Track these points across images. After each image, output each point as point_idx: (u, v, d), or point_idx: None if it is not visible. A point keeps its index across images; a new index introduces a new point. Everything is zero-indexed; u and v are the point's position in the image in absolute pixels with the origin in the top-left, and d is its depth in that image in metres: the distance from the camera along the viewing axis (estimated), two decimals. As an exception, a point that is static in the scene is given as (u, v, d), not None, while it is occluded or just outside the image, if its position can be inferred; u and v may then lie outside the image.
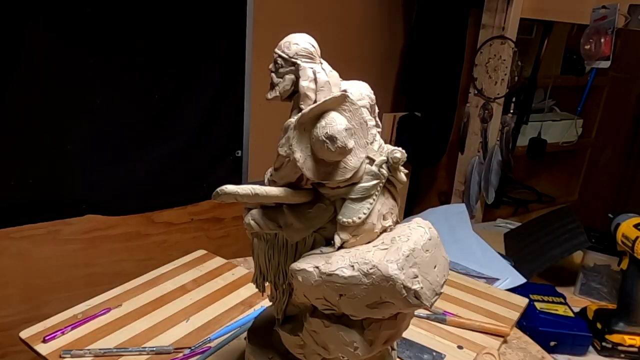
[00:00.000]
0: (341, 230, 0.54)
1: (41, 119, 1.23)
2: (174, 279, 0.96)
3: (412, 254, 0.50)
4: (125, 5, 1.26)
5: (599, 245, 1.28)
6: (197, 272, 0.99)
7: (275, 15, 1.50)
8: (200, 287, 0.94)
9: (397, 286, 0.49)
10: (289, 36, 0.54)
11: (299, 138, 0.50)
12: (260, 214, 0.58)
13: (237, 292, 0.93)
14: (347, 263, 0.51)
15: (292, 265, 0.54)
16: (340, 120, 0.50)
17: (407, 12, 1.81)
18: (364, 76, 0.55)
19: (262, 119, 1.57)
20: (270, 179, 0.56)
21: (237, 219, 1.65)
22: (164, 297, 0.90)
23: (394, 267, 0.49)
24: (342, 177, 0.52)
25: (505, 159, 1.71)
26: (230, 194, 0.53)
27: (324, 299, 0.53)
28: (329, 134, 0.49)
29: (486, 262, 1.37)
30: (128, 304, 0.87)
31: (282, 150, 0.52)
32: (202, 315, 0.86)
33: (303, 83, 0.52)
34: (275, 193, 0.54)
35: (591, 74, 1.79)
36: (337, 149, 0.49)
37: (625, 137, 2.08)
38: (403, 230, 0.55)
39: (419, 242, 0.52)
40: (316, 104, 0.50)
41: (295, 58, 0.53)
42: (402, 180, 0.56)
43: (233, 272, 1.00)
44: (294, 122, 0.50)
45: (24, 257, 1.31)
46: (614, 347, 1.08)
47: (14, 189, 1.24)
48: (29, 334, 0.79)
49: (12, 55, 1.16)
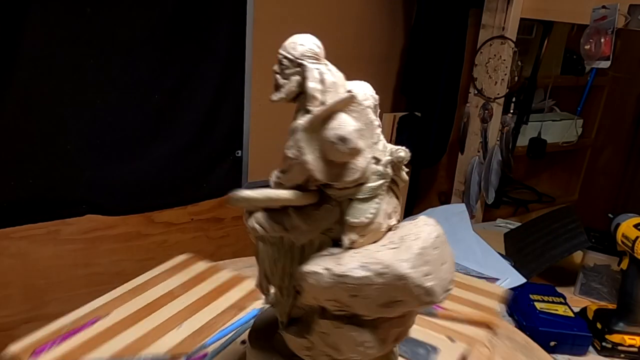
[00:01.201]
0: (349, 230, 0.54)
1: (41, 119, 1.23)
2: (161, 284, 0.92)
3: (423, 252, 0.51)
4: (125, 5, 1.27)
5: (599, 245, 1.28)
6: (184, 276, 0.96)
7: (275, 15, 1.50)
8: (188, 292, 0.91)
9: (411, 285, 0.49)
10: (293, 37, 0.54)
11: (309, 140, 0.50)
12: (266, 217, 0.57)
13: (226, 295, 0.91)
14: (359, 264, 0.51)
15: (302, 268, 0.54)
16: (351, 122, 0.50)
17: (407, 12, 1.81)
18: (364, 76, 0.55)
19: (262, 119, 1.57)
20: (277, 181, 0.55)
21: (237, 219, 1.65)
22: (153, 304, 0.87)
23: (407, 266, 0.49)
24: (351, 177, 0.52)
25: (505, 159, 1.71)
26: (247, 199, 0.52)
27: (335, 301, 0.53)
28: (340, 135, 0.49)
29: (486, 262, 1.37)
30: (117, 312, 0.83)
31: (290, 152, 0.51)
32: (194, 321, 0.83)
33: (310, 84, 0.51)
34: (286, 196, 0.53)
35: (591, 74, 1.79)
36: (348, 150, 0.49)
37: (625, 137, 2.08)
38: (411, 228, 0.55)
39: (428, 240, 0.53)
40: (326, 106, 0.50)
41: (301, 59, 0.52)
42: (405, 179, 0.57)
43: (219, 275, 0.97)
44: (302, 124, 0.50)
45: (24, 257, 1.31)
46: (614, 347, 1.08)
47: (14, 189, 1.24)
48: (17, 348, 0.75)
49: (12, 55, 1.16)
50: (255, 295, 0.89)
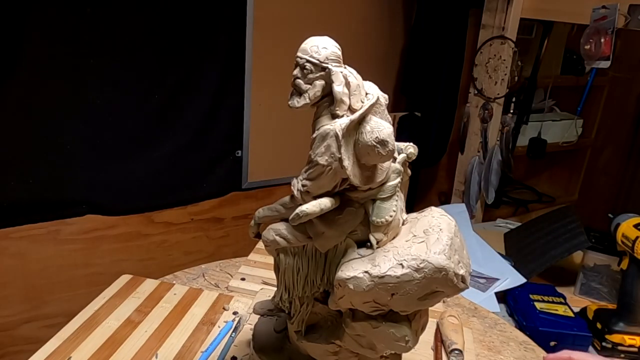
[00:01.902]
0: (375, 230, 0.54)
1: (41, 119, 1.23)
2: (114, 313, 0.83)
3: (451, 242, 0.53)
4: (125, 5, 1.26)
5: (599, 245, 1.28)
6: (135, 300, 0.87)
7: (275, 15, 1.50)
8: (148, 316, 0.83)
9: (450, 275, 0.51)
10: (312, 40, 0.52)
11: (346, 145, 0.50)
12: (288, 228, 0.56)
13: (190, 312, 0.85)
14: (395, 262, 0.52)
15: (339, 275, 0.54)
16: (386, 124, 0.50)
17: (407, 12, 1.81)
18: (364, 76, 0.55)
19: (262, 119, 1.57)
20: (303, 190, 0.53)
21: (237, 219, 1.65)
22: (115, 337, 0.77)
23: (444, 258, 0.51)
24: (380, 178, 0.53)
25: (505, 159, 1.71)
26: (311, 213, 0.51)
27: (374, 302, 0.54)
28: (380, 139, 0.49)
29: (486, 262, 1.37)
30: (77, 355, 0.73)
31: (322, 159, 0.50)
32: (169, 347, 0.76)
33: (337, 88, 0.50)
34: (329, 205, 0.53)
35: (591, 74, 1.79)
36: (387, 153, 0.50)
37: (625, 137, 2.08)
38: (429, 220, 0.56)
39: (451, 229, 0.54)
40: (361, 110, 0.50)
41: (326, 63, 0.51)
42: (409, 174, 0.58)
43: (174, 292, 0.90)
44: (336, 130, 0.49)
45: (24, 257, 1.31)
46: (614, 347, 1.08)
47: (14, 189, 1.24)
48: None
49: (13, 55, 1.16)
50: (218, 307, 0.86)
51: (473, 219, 1.75)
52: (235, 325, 0.81)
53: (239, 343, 0.77)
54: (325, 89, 0.52)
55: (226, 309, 0.87)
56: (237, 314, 0.85)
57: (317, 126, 0.52)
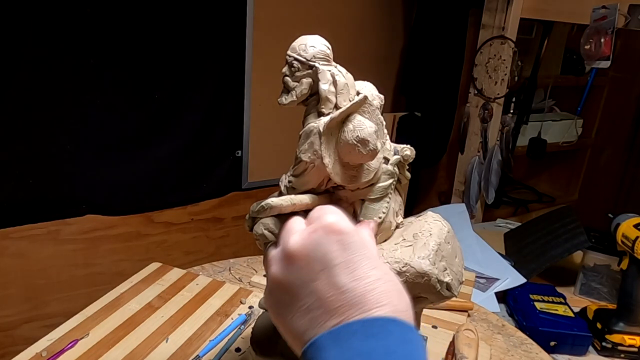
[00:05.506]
0: None
1: (41, 119, 1.23)
2: (137, 297, 0.88)
3: (439, 248, 0.52)
4: (125, 6, 1.27)
5: (599, 245, 1.28)
6: (159, 287, 0.91)
7: (275, 16, 1.50)
8: (167, 303, 0.87)
9: (432, 281, 0.50)
10: (301, 38, 0.53)
11: (326, 143, 0.50)
12: (276, 223, 0.56)
13: (207, 302, 0.88)
14: None
15: None
16: (368, 123, 0.50)
17: (407, 12, 1.81)
18: (364, 76, 0.55)
19: (262, 119, 1.57)
20: (289, 186, 0.54)
21: (237, 219, 1.65)
22: (133, 319, 0.82)
23: (427, 263, 0.50)
24: (366, 178, 0.52)
25: (505, 159, 1.71)
26: (276, 207, 0.51)
27: None
28: (360, 137, 0.49)
29: (486, 262, 1.37)
30: (95, 332, 0.78)
31: (305, 156, 0.50)
32: (181, 333, 0.80)
33: (323, 86, 0.51)
34: (307, 201, 0.53)
35: (591, 74, 1.79)
36: (368, 152, 0.49)
37: (625, 137, 2.08)
38: (421, 225, 0.56)
39: (441, 235, 0.54)
40: (344, 108, 0.50)
41: (313, 61, 0.52)
42: (408, 177, 0.57)
43: (197, 282, 0.94)
44: (319, 127, 0.49)
45: (24, 257, 1.31)
46: (614, 347, 1.08)
47: (14, 189, 1.24)
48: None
49: (13, 55, 1.16)
50: (236, 300, 0.88)
51: (473, 219, 1.75)
52: (247, 319, 0.82)
53: (247, 336, 0.78)
54: (313, 87, 0.52)
55: (243, 302, 0.88)
56: (252, 308, 0.86)
57: (305, 123, 0.52)
